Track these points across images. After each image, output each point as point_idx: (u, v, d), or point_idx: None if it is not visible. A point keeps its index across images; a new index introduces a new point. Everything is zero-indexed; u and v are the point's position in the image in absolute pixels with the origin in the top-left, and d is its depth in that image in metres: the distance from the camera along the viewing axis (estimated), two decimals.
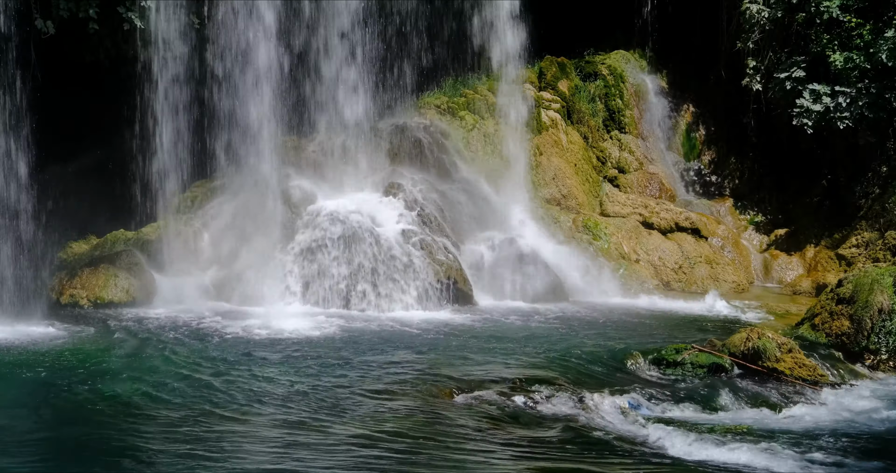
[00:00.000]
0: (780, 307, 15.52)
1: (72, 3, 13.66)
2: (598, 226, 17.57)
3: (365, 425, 8.24)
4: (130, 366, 10.12)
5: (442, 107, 18.08)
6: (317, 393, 9.22)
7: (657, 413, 9.36)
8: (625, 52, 21.10)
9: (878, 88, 17.32)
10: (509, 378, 9.92)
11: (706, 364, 10.76)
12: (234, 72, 14.46)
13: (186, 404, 8.74)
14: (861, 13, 17.69)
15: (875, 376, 11.21)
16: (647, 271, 17.03)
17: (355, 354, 11.04)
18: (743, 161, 20.57)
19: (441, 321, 13.46)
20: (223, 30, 14.45)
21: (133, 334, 11.87)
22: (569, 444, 8.14)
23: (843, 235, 18.16)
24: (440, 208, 15.76)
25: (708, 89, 20.95)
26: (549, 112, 19.12)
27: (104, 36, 14.61)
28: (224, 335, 11.88)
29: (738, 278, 17.63)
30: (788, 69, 18.28)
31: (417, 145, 16.70)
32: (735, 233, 19.15)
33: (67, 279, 13.74)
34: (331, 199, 15.39)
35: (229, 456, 7.34)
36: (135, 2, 13.99)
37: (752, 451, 7.98)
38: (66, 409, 8.62)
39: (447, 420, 8.56)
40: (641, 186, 19.47)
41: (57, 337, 11.47)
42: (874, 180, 18.26)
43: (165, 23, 14.16)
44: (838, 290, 12.11)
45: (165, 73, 14.20)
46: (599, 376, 10.41)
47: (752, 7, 18.80)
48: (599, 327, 13.34)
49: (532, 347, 11.67)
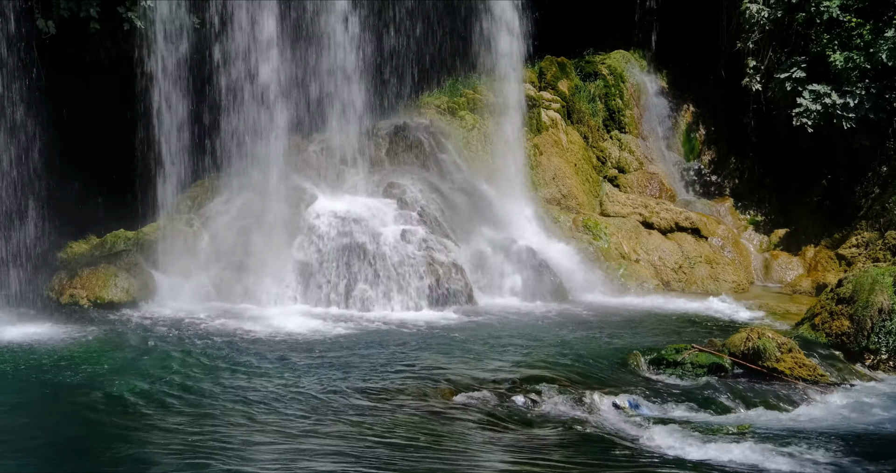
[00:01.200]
0: (780, 306, 15.51)
1: (72, 3, 13.67)
2: (598, 226, 17.57)
3: (364, 425, 8.25)
4: (130, 366, 10.12)
5: (442, 107, 18.08)
6: (316, 393, 9.22)
7: (657, 413, 9.36)
8: (625, 52, 21.10)
9: (878, 88, 17.32)
10: (509, 378, 9.92)
11: (706, 364, 10.76)
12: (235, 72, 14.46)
13: (186, 404, 8.74)
14: (861, 13, 17.69)
15: (875, 376, 11.20)
16: (647, 271, 17.03)
17: (355, 354, 11.04)
18: (743, 161, 20.58)
19: (441, 320, 13.46)
20: (223, 29, 14.45)
21: (133, 334, 11.87)
22: (568, 444, 8.14)
23: (843, 235, 18.16)
24: (440, 208, 15.76)
25: (708, 89, 20.95)
26: (549, 112, 19.13)
27: (104, 36, 14.62)
28: (224, 334, 11.88)
29: (738, 278, 17.63)
30: (788, 69, 18.28)
31: (417, 145, 16.71)
32: (735, 233, 19.15)
33: (67, 279, 13.73)
34: (331, 199, 15.39)
35: (229, 456, 7.35)
36: (135, 2, 14.00)
37: (752, 451, 7.98)
38: (65, 409, 8.62)
39: (447, 420, 8.56)
40: (641, 186, 19.48)
41: (57, 337, 11.46)
42: (874, 180, 18.26)
43: (166, 23, 14.16)
44: (838, 290, 12.11)
45: (165, 73, 14.19)
46: (599, 376, 10.41)
47: (752, 7, 18.81)
48: (599, 326, 13.34)
49: (532, 347, 11.67)
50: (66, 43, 14.27)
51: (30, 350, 10.75)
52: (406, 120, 17.22)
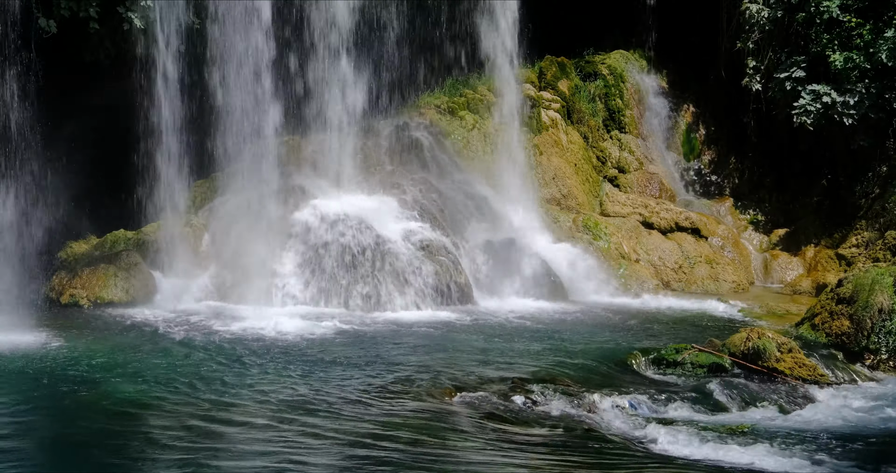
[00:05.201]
0: (780, 306, 15.51)
1: (73, 2, 13.67)
2: (598, 226, 17.57)
3: (364, 425, 8.24)
4: (130, 366, 10.12)
5: (442, 107, 18.08)
6: (316, 393, 9.22)
7: (657, 413, 9.36)
8: (625, 52, 21.11)
9: (878, 88, 17.32)
10: (509, 378, 9.91)
11: (706, 364, 10.76)
12: (234, 72, 14.46)
13: (186, 404, 8.74)
14: (861, 13, 17.69)
15: (875, 376, 11.20)
16: (647, 271, 17.03)
17: (355, 354, 11.04)
18: (743, 161, 20.58)
19: (441, 320, 13.45)
20: (223, 30, 14.44)
21: (133, 334, 11.88)
22: (569, 444, 8.13)
23: (843, 235, 18.17)
24: (440, 208, 15.76)
25: (708, 89, 20.96)
26: (549, 112, 19.13)
27: (104, 36, 14.63)
28: (224, 334, 11.88)
29: (738, 278, 17.63)
30: (788, 69, 18.28)
31: (417, 145, 16.70)
32: (735, 233, 19.15)
33: (67, 279, 13.74)
34: (330, 199, 15.39)
35: (229, 456, 7.35)
36: (135, 1, 14.00)
37: (752, 451, 7.98)
38: (64, 409, 8.62)
39: (447, 419, 8.56)
40: (641, 186, 19.48)
41: (56, 337, 11.45)
42: (874, 180, 18.26)
43: (165, 22, 14.16)
44: (838, 290, 12.11)
45: (165, 72, 14.19)
46: (599, 376, 10.41)
47: (752, 7, 18.81)
48: (599, 326, 13.34)
49: (532, 346, 11.67)
50: (66, 43, 14.27)
51: (30, 350, 10.74)
52: (406, 120, 17.22)
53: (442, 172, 16.63)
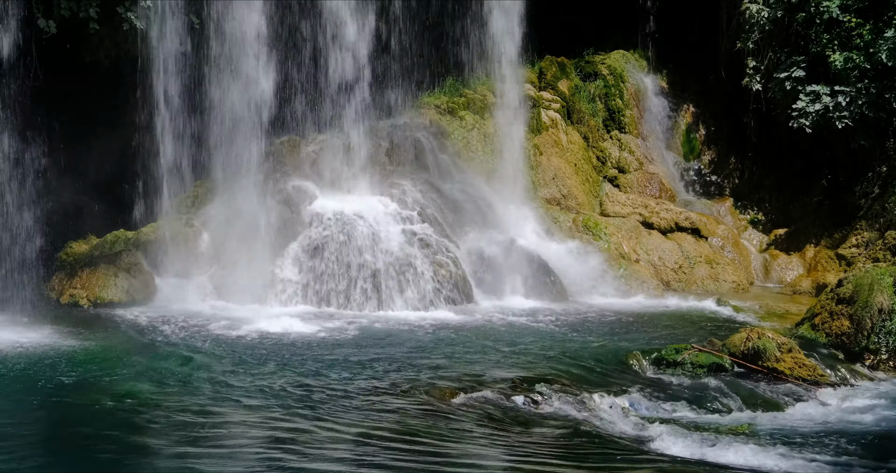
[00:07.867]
0: (780, 306, 15.51)
1: (73, 3, 13.67)
2: (598, 226, 17.57)
3: (364, 424, 8.24)
4: (130, 366, 10.12)
5: (442, 107, 18.07)
6: (316, 393, 9.22)
7: (657, 413, 9.37)
8: (625, 52, 21.10)
9: (878, 88, 17.31)
10: (509, 378, 9.91)
11: (706, 364, 10.76)
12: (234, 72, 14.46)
13: (185, 404, 8.73)
14: (861, 13, 17.69)
15: (875, 376, 11.20)
16: (647, 271, 17.02)
17: (355, 354, 11.04)
18: (743, 161, 20.58)
19: (441, 320, 13.45)
20: (223, 29, 14.45)
21: (132, 334, 11.87)
22: (569, 444, 8.13)
23: (842, 235, 18.16)
24: (440, 208, 15.75)
25: (708, 89, 20.96)
26: (549, 112, 19.12)
27: (104, 36, 14.63)
28: (223, 334, 11.88)
29: (738, 278, 17.63)
30: (788, 69, 18.28)
31: (417, 145, 16.69)
32: (735, 233, 19.15)
33: (67, 279, 13.74)
34: (330, 199, 15.38)
35: (228, 456, 7.35)
36: (135, 2, 14.00)
37: (752, 451, 7.98)
38: (64, 409, 8.62)
39: (447, 420, 8.56)
40: (641, 186, 19.48)
41: (56, 337, 11.46)
42: (874, 180, 18.26)
43: (165, 23, 14.16)
44: (838, 290, 12.11)
45: (165, 73, 14.19)
46: (599, 376, 10.41)
47: (752, 7, 18.81)
48: (599, 327, 13.34)
49: (532, 347, 11.67)
50: (66, 43, 14.27)
51: (29, 350, 10.74)
52: (406, 120, 17.20)
53: (442, 173, 16.63)
